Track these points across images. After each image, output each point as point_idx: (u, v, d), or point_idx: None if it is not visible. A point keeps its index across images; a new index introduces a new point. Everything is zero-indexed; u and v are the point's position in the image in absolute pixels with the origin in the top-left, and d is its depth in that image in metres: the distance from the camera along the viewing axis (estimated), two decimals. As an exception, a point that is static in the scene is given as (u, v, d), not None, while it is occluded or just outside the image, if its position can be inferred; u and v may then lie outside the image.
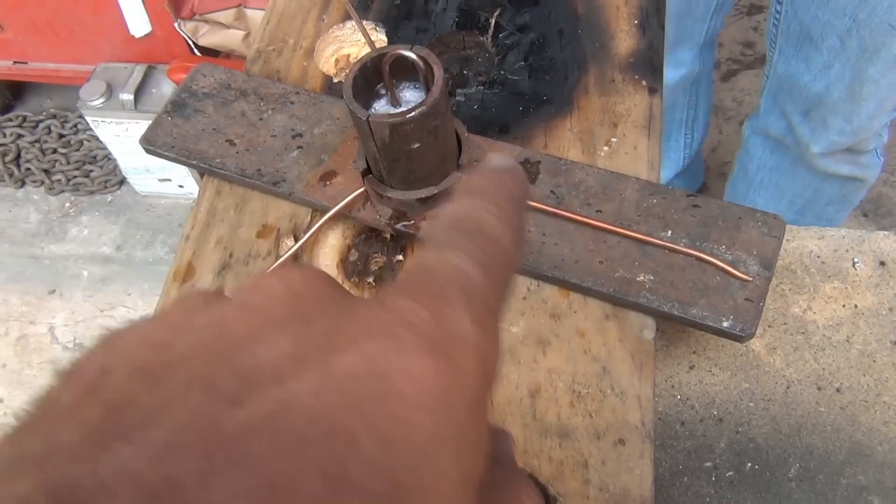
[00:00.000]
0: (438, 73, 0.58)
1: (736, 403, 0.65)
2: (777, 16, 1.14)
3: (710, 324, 0.59)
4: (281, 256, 0.67)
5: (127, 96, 1.80)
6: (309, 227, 0.68)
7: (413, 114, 0.56)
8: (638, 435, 0.57)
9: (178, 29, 1.80)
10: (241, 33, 1.83)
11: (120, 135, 1.85)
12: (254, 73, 0.78)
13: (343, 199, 0.66)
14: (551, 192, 0.65)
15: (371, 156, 0.62)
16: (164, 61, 1.86)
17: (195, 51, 1.85)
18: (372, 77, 0.61)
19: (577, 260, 0.62)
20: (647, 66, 0.72)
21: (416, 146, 0.58)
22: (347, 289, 0.67)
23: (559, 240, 0.63)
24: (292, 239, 0.69)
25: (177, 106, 0.75)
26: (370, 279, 0.68)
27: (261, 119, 0.73)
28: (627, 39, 0.74)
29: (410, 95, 0.63)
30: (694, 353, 0.68)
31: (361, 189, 0.67)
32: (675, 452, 0.64)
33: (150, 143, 0.73)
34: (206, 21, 1.83)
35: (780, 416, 0.64)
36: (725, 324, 0.58)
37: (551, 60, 0.74)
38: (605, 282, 0.61)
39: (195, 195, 2.01)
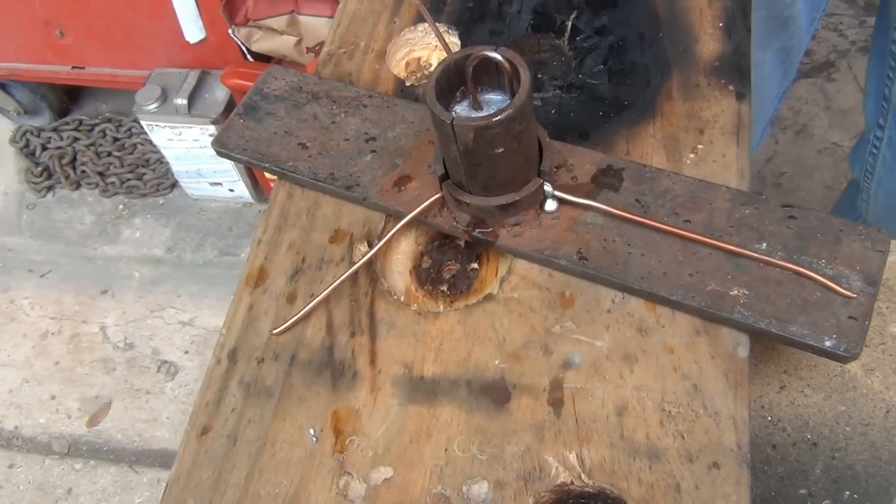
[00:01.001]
0: (525, 76, 0.56)
1: (832, 427, 0.61)
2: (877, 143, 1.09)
3: (811, 342, 0.55)
4: (355, 262, 0.65)
5: (181, 101, 1.81)
6: (383, 234, 0.67)
7: (499, 117, 0.54)
8: (734, 459, 0.54)
9: (232, 35, 1.81)
10: (293, 39, 1.84)
11: (173, 139, 1.87)
12: (325, 75, 0.77)
13: (419, 205, 0.64)
14: (636, 200, 0.63)
15: (451, 160, 0.60)
16: (217, 67, 1.87)
17: (248, 56, 1.86)
18: (454, 79, 0.59)
19: (666, 272, 0.59)
20: (734, 70, 0.69)
21: (499, 151, 0.56)
22: (420, 297, 0.65)
23: (646, 250, 0.60)
24: (366, 244, 0.67)
25: (249, 108, 0.74)
26: (444, 287, 0.66)
27: (333, 122, 0.72)
28: (712, 43, 0.71)
29: (492, 99, 0.61)
30: (785, 372, 0.64)
31: (438, 195, 0.65)
32: (767, 478, 0.61)
33: (223, 146, 0.72)
34: (260, 27, 1.84)
35: (880, 443, 0.60)
36: (828, 343, 0.55)
37: (632, 64, 0.71)
38: (695, 295, 0.58)
39: (245, 199, 2.03)
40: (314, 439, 0.59)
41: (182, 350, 1.86)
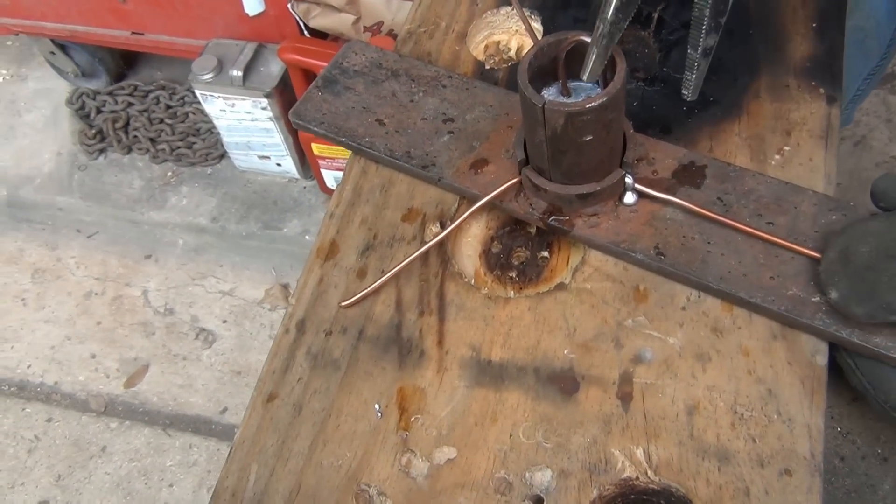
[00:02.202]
0: (621, 64, 0.55)
1: (903, 443, 0.60)
2: None
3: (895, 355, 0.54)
4: (426, 242, 0.65)
5: (236, 72, 1.82)
6: (457, 215, 0.67)
7: (593, 104, 0.53)
8: (806, 467, 0.53)
9: (291, 10, 1.82)
10: (351, 17, 1.84)
11: (226, 110, 1.88)
12: (404, 53, 0.76)
13: (495, 189, 0.64)
14: (718, 199, 0.62)
15: (535, 145, 0.60)
16: (274, 41, 1.88)
17: (305, 32, 1.86)
18: (544, 64, 0.59)
19: (746, 273, 0.58)
20: (826, 72, 0.67)
21: (587, 139, 0.56)
22: (489, 282, 0.65)
23: (726, 250, 0.59)
24: (438, 225, 0.67)
25: (327, 82, 0.74)
26: (512, 273, 0.66)
27: (412, 101, 0.72)
28: (804, 43, 0.69)
29: (580, 86, 0.60)
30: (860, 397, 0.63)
31: (515, 179, 0.64)
32: (833, 489, 0.60)
33: (300, 118, 0.72)
34: (319, 3, 1.84)
35: (954, 462, 0.59)
36: None
37: (719, 61, 0.70)
38: (775, 299, 0.57)
39: (292, 174, 2.04)
40: (379, 414, 0.59)
41: (220, 319, 1.88)
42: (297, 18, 1.86)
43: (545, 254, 0.67)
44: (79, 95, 2.14)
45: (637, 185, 0.62)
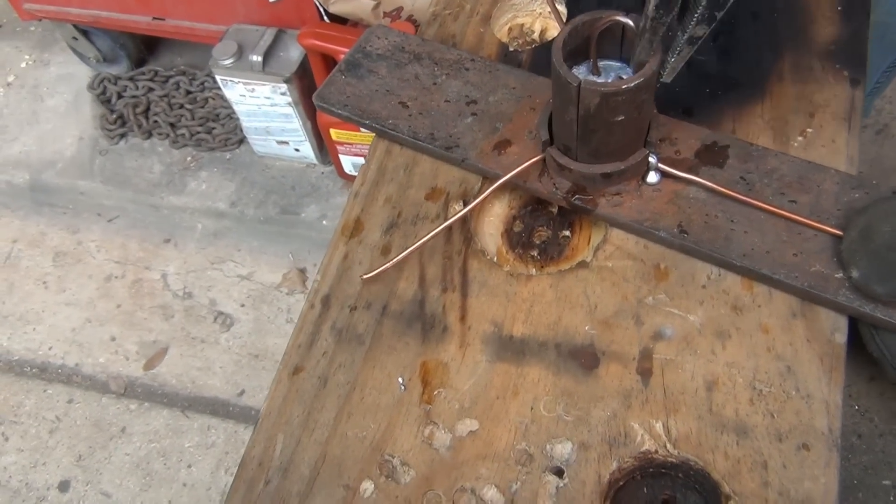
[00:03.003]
0: (657, 47, 0.55)
1: (921, 422, 0.61)
2: None
3: None
4: (449, 219, 0.66)
5: (256, 58, 1.84)
6: (480, 193, 0.67)
7: (629, 85, 0.54)
8: (824, 442, 0.54)
9: (311, -5, 1.82)
10: (371, 3, 1.85)
11: (245, 95, 1.90)
12: (429, 36, 0.77)
13: (517, 168, 0.65)
14: (741, 178, 0.62)
15: (565, 124, 0.60)
16: (294, 26, 1.89)
17: (325, 18, 1.87)
18: (576, 43, 0.59)
19: (769, 250, 0.59)
20: (851, 55, 0.67)
21: (619, 119, 0.56)
22: (511, 260, 0.66)
23: (749, 228, 0.60)
24: (461, 203, 0.68)
25: (351, 65, 0.75)
26: (534, 252, 0.67)
27: (434, 84, 0.73)
28: (829, 26, 0.70)
29: (610, 66, 0.61)
30: (875, 363, 0.64)
31: (538, 157, 0.65)
32: (850, 466, 0.61)
33: (324, 101, 0.73)
34: (338, -11, 1.85)
35: (971, 442, 0.59)
36: None
37: (743, 42, 0.70)
38: (799, 275, 0.58)
39: (310, 159, 2.05)
40: (403, 388, 0.61)
41: (239, 303, 1.91)
42: (317, 4, 1.87)
43: (567, 233, 0.67)
44: (100, 81, 2.17)
45: (661, 165, 0.62)
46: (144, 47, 2.21)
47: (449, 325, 0.63)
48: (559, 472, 0.56)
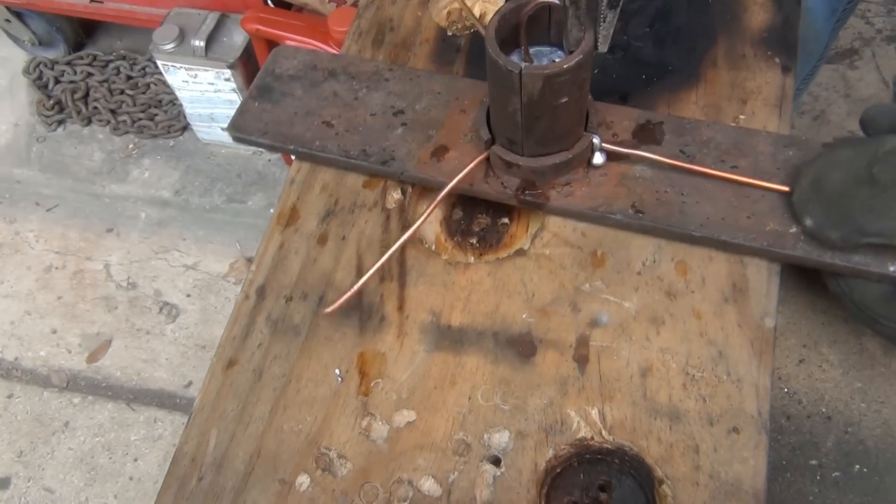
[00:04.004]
0: (588, 23, 0.55)
1: (846, 402, 0.62)
2: None
3: (875, 270, 0.56)
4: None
5: (199, 43, 1.79)
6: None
7: (570, 64, 0.54)
8: (754, 425, 0.55)
9: (255, -22, 1.78)
10: (317, -13, 1.81)
11: (188, 80, 1.84)
12: (366, 19, 0.76)
13: (461, 172, 0.63)
14: (680, 151, 0.63)
15: (508, 116, 0.59)
16: (237, 10, 1.84)
17: (269, 2, 1.83)
18: (506, 31, 0.59)
19: (723, 217, 0.60)
20: (782, 42, 0.68)
21: (563, 101, 0.56)
22: (450, 248, 0.65)
23: (699, 198, 0.61)
24: (399, 191, 0.67)
25: (262, 90, 0.71)
26: (473, 240, 0.66)
27: (356, 98, 0.70)
28: (761, 13, 0.70)
29: (541, 51, 0.60)
30: (805, 346, 0.65)
31: (482, 156, 0.64)
32: (780, 447, 0.62)
33: (240, 131, 0.69)
34: (283, -28, 1.80)
35: (893, 421, 0.61)
36: (892, 268, 0.56)
37: (678, 29, 0.71)
38: (756, 237, 0.59)
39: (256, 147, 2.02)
40: (339, 379, 0.60)
41: (184, 293, 1.86)
42: (262, -13, 1.82)
43: (505, 220, 0.67)
44: (36, 65, 2.08)
45: (605, 145, 0.62)
46: (82, 31, 2.13)
47: (387, 314, 0.62)
48: (496, 462, 0.56)
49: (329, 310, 0.61)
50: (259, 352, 0.62)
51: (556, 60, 0.58)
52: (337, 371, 0.60)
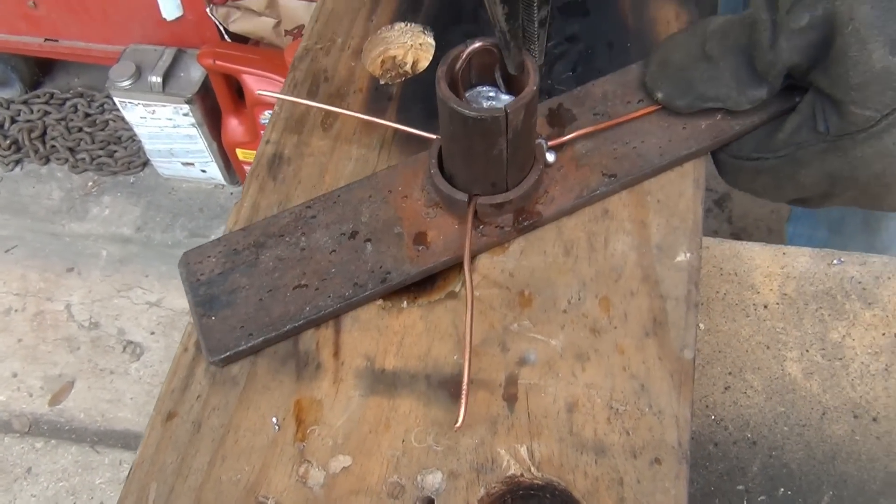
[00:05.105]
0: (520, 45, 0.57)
1: (770, 427, 0.65)
2: None
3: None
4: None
5: (156, 79, 1.80)
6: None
7: (535, 81, 0.57)
8: (674, 455, 0.57)
9: (210, 14, 1.80)
10: (272, 21, 1.83)
11: (146, 117, 1.86)
12: (301, 70, 0.78)
13: (456, 246, 0.65)
14: (594, 115, 0.69)
15: (490, 163, 0.60)
16: (194, 46, 1.86)
17: (226, 37, 1.85)
18: (451, 80, 0.60)
19: (669, 139, 0.67)
20: (697, 83, 0.72)
21: (534, 120, 0.60)
22: (385, 292, 0.67)
23: (642, 137, 0.68)
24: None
25: (206, 305, 0.65)
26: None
27: (303, 249, 0.66)
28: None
29: (482, 91, 0.62)
30: (730, 373, 0.68)
31: (470, 213, 0.64)
32: (707, 473, 0.64)
33: (221, 352, 0.63)
34: (238, 7, 1.83)
35: (815, 443, 0.64)
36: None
37: (599, 72, 0.73)
38: (700, 138, 0.67)
39: (217, 180, 2.02)
40: (276, 427, 0.61)
41: (148, 331, 1.86)
42: (217, 23, 1.85)
43: (439, 263, 0.69)
44: (-9, 105, 2.08)
45: (549, 143, 0.66)
46: (38, 69, 2.14)
47: (322, 361, 0.64)
48: (430, 502, 0.57)
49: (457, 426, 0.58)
50: (198, 403, 0.63)
51: (492, 96, 0.61)
52: (274, 419, 0.61)
